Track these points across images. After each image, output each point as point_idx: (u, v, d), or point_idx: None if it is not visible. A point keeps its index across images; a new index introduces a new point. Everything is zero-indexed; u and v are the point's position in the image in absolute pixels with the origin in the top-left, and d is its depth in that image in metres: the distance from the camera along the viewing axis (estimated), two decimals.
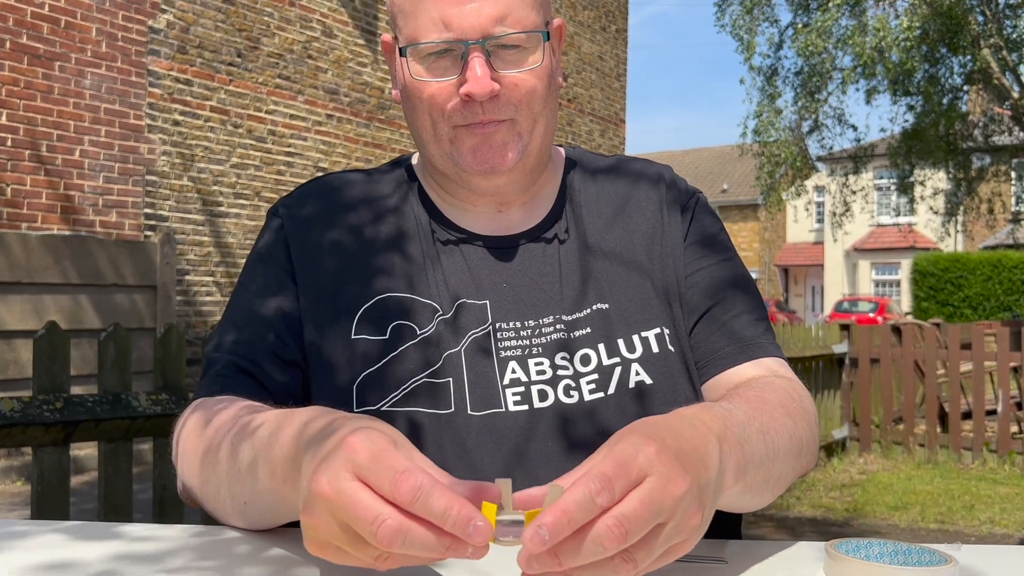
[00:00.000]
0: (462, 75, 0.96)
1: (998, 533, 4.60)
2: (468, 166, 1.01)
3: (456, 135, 1.00)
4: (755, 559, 0.81)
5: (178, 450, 0.95)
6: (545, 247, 1.07)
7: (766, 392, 0.93)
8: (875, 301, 26.30)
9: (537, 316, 1.03)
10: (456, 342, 1.01)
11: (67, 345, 2.24)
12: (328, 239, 1.07)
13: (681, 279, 1.07)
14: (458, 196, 1.08)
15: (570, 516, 0.60)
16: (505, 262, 1.06)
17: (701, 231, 1.11)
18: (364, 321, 1.02)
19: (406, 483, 0.60)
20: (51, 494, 2.21)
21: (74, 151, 6.60)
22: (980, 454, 6.39)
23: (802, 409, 0.96)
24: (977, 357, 6.50)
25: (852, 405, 6.81)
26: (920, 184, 15.53)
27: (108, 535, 0.85)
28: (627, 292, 1.05)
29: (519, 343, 1.01)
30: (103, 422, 2.25)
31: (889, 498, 5.29)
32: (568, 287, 1.05)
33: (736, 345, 1.04)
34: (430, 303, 1.03)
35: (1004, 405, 6.41)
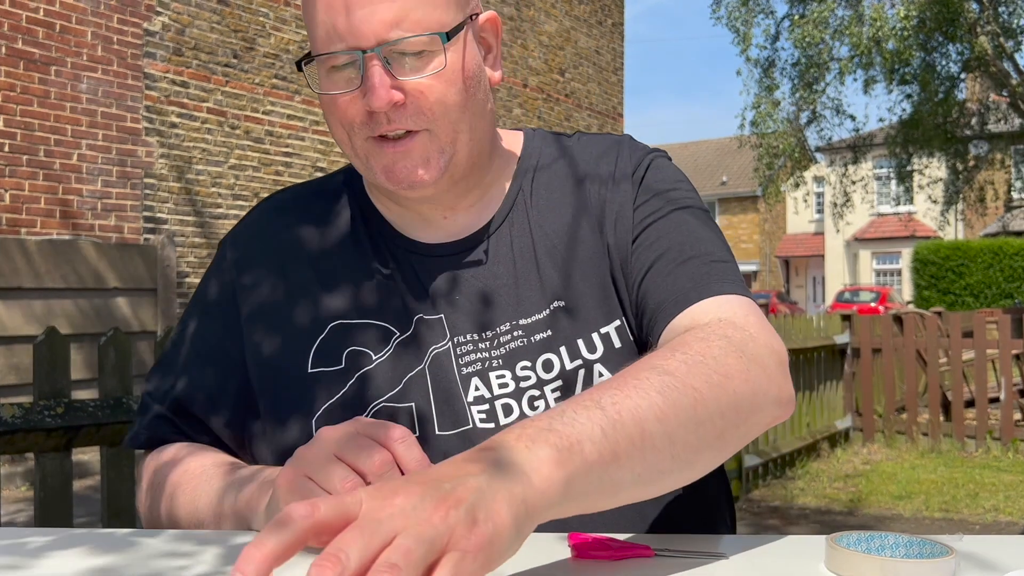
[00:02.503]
0: (363, 86, 0.91)
1: (1003, 521, 4.60)
2: (383, 183, 0.96)
3: (369, 149, 0.95)
4: (755, 554, 0.80)
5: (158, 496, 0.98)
6: (496, 249, 1.01)
7: (642, 362, 0.80)
8: (876, 291, 26.29)
9: (494, 325, 0.98)
10: (417, 361, 0.97)
11: (67, 350, 2.23)
12: (275, 273, 1.04)
13: (628, 246, 0.98)
14: (402, 204, 1.03)
15: None
16: (456, 270, 1.01)
17: (648, 190, 1.01)
18: (319, 354, 0.99)
19: (398, 429, 0.78)
20: (54, 499, 2.21)
21: (72, 155, 6.59)
22: (983, 442, 6.40)
23: (690, 359, 0.80)
24: (979, 345, 6.50)
25: (854, 395, 6.81)
26: (919, 173, 15.52)
27: (124, 544, 0.85)
28: (583, 285, 0.99)
29: (478, 356, 0.97)
30: (104, 426, 2.25)
31: (893, 488, 5.29)
32: (524, 288, 0.99)
33: (671, 298, 0.92)
34: (384, 326, 0.99)
35: (1007, 393, 6.41)
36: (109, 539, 0.85)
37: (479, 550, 0.57)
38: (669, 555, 0.78)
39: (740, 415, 0.81)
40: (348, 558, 0.53)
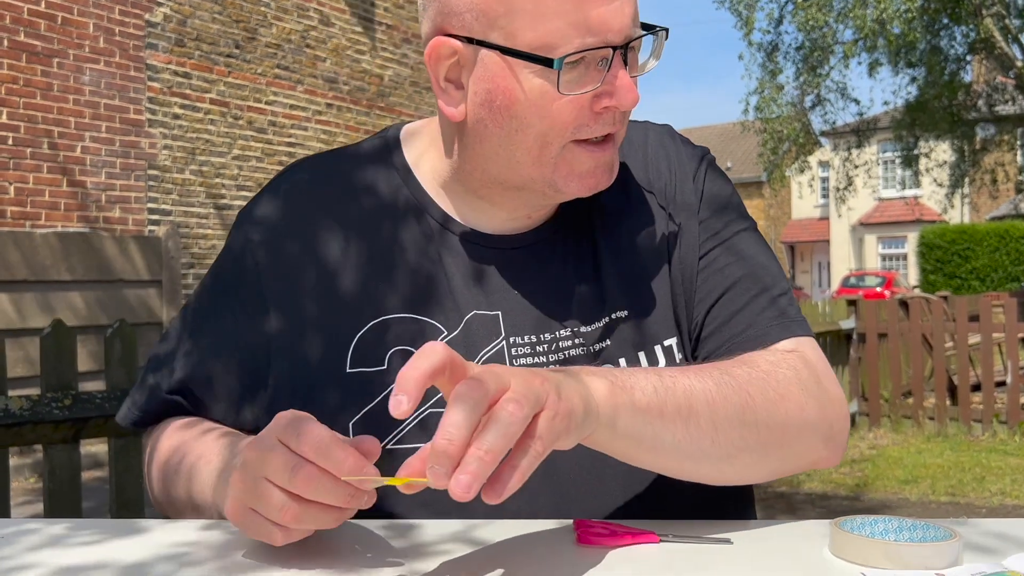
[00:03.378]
0: (602, 85, 0.83)
1: (1009, 504, 4.60)
2: (571, 189, 0.89)
3: (569, 156, 0.87)
4: (760, 538, 0.80)
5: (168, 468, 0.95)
6: (560, 248, 0.96)
7: (704, 365, 0.86)
8: (882, 275, 26.24)
9: (553, 328, 0.93)
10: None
11: (73, 342, 2.24)
12: (307, 255, 0.94)
13: (694, 264, 0.96)
14: (486, 197, 0.94)
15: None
16: (517, 265, 0.94)
17: (710, 204, 0.99)
18: (359, 351, 0.91)
19: (308, 436, 0.69)
20: (63, 491, 2.22)
21: (75, 148, 6.60)
22: (990, 426, 6.39)
23: (754, 375, 0.84)
24: (985, 329, 6.48)
25: (860, 380, 6.80)
26: (925, 156, 15.46)
27: (132, 531, 0.85)
28: (646, 296, 0.95)
29: (535, 360, 0.92)
30: (112, 418, 2.26)
31: (899, 472, 5.30)
32: (585, 293, 0.94)
33: (748, 334, 0.93)
34: (433, 323, 0.92)
35: (1013, 376, 6.40)
36: (118, 527, 0.86)
37: (566, 415, 0.68)
38: (674, 540, 0.79)
39: (785, 437, 0.85)
40: (488, 385, 0.64)
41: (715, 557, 0.76)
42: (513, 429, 0.64)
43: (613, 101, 0.84)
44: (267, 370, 0.94)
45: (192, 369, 0.97)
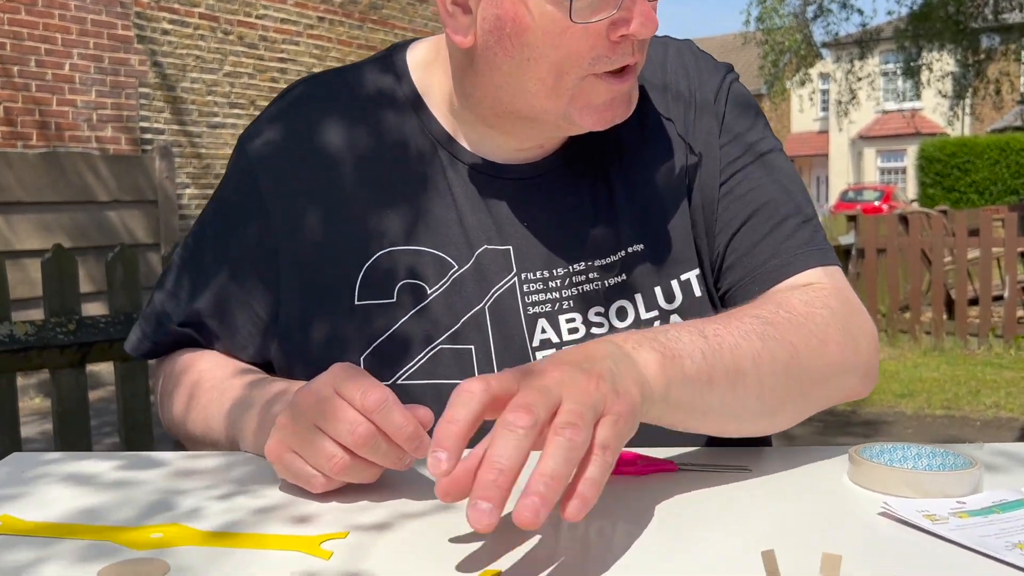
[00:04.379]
0: (620, 11, 0.78)
1: (1003, 417, 4.67)
2: (586, 122, 0.85)
3: (586, 88, 0.82)
4: (779, 466, 0.81)
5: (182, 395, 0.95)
6: (574, 178, 0.92)
7: (745, 308, 0.83)
8: (880, 189, 26.12)
9: (567, 263, 0.91)
10: (477, 299, 0.89)
11: (75, 266, 2.23)
12: (312, 184, 0.91)
13: (715, 191, 0.93)
14: (496, 126, 0.90)
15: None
16: (528, 197, 0.91)
17: (732, 126, 0.94)
18: (367, 283, 0.89)
19: (372, 395, 0.68)
20: (71, 413, 2.24)
21: (63, 65, 6.46)
22: (986, 340, 6.45)
23: (791, 318, 0.82)
24: (984, 243, 6.48)
25: (858, 295, 6.82)
26: (927, 68, 15.22)
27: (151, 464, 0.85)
28: (662, 229, 0.92)
29: (548, 296, 0.90)
30: (117, 342, 2.26)
31: (896, 386, 5.36)
32: (601, 225, 0.91)
33: (774, 262, 0.90)
34: (443, 256, 0.90)
35: (1010, 290, 6.43)
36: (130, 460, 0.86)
37: (629, 414, 0.64)
38: (693, 469, 0.79)
39: (828, 380, 0.85)
40: (537, 411, 0.59)
41: (735, 486, 0.76)
42: (574, 454, 0.59)
43: (631, 29, 0.79)
44: (277, 300, 0.92)
45: (202, 300, 0.95)
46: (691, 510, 0.71)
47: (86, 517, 0.70)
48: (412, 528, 0.67)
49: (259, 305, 0.93)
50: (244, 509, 0.71)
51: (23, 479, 0.81)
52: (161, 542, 0.62)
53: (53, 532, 0.64)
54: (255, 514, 0.70)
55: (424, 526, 0.68)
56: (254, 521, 0.68)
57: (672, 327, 0.78)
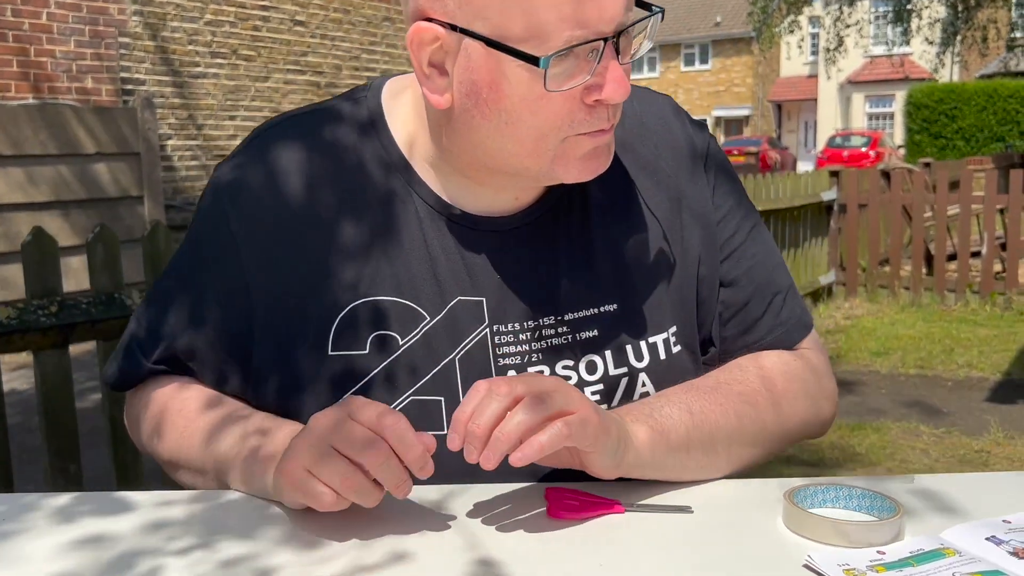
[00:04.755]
0: (593, 77, 0.80)
1: (975, 376, 4.78)
2: (570, 175, 0.86)
3: (568, 146, 0.84)
4: (718, 504, 0.86)
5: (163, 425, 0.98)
6: (550, 232, 0.94)
7: (733, 384, 0.95)
8: (868, 135, 26.06)
9: (539, 316, 0.92)
10: (448, 350, 0.91)
11: (55, 249, 2.25)
12: (286, 231, 0.91)
13: (716, 266, 1.00)
14: (474, 178, 0.91)
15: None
16: (504, 249, 0.92)
17: (725, 197, 1.01)
18: (341, 333, 0.90)
19: (388, 416, 0.76)
20: (55, 394, 2.28)
21: (40, 14, 6.36)
22: (963, 295, 6.54)
23: (769, 396, 0.95)
24: (964, 200, 6.53)
25: (839, 250, 6.90)
26: (916, 15, 15.09)
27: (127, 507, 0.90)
28: (641, 288, 0.95)
29: (518, 348, 0.92)
30: (99, 323, 2.30)
31: (872, 344, 5.46)
32: (575, 280, 0.93)
33: (767, 340, 1.01)
34: (415, 308, 0.91)
35: (988, 246, 6.50)
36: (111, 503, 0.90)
37: (581, 423, 0.78)
38: (637, 510, 0.84)
39: (790, 439, 1.00)
40: (515, 387, 0.77)
41: (675, 528, 0.82)
42: (528, 418, 0.76)
43: (603, 95, 0.81)
44: (251, 347, 0.94)
45: (177, 340, 0.97)
46: (630, 556, 0.76)
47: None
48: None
49: (233, 348, 0.95)
50: (211, 562, 0.76)
51: None
52: None
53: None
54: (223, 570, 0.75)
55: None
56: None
57: (666, 400, 0.90)
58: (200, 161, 7.93)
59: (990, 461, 3.49)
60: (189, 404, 0.97)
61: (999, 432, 3.78)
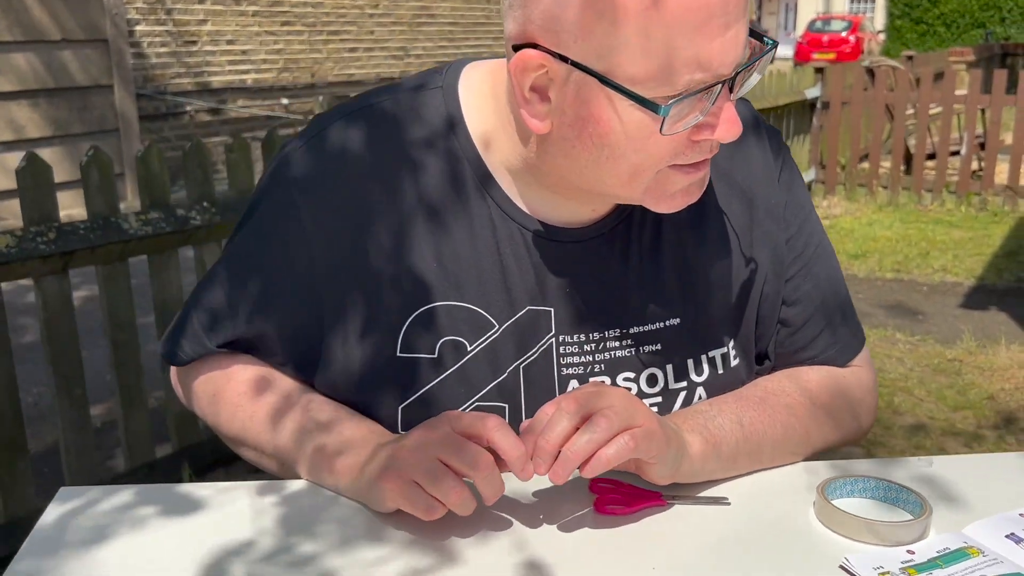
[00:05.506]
0: (705, 116, 0.79)
1: (949, 282, 4.89)
2: (660, 207, 0.86)
3: (662, 179, 0.83)
4: (756, 494, 0.91)
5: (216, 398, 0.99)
6: (621, 246, 0.94)
7: (781, 396, 0.98)
8: (848, 19, 25.63)
9: (603, 328, 0.94)
10: (514, 358, 0.92)
11: (50, 174, 2.21)
12: (359, 228, 0.90)
13: (779, 287, 1.01)
14: (558, 192, 0.90)
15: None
16: (576, 260, 0.92)
17: (796, 213, 1.02)
18: (411, 336, 0.90)
19: (491, 420, 0.80)
20: (57, 319, 2.28)
21: None
22: (940, 195, 6.62)
23: (813, 409, 0.99)
24: (947, 99, 6.53)
25: (820, 148, 6.91)
26: None
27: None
28: (704, 305, 0.97)
29: (582, 359, 0.94)
30: (98, 248, 2.28)
31: (850, 246, 5.54)
32: (642, 295, 0.94)
33: (823, 357, 1.04)
34: (485, 315, 0.91)
35: (968, 146, 6.54)
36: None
37: (647, 436, 0.81)
38: (679, 502, 0.89)
39: (829, 449, 1.03)
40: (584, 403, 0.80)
41: (715, 520, 0.87)
42: (597, 437, 0.78)
43: (715, 135, 0.80)
44: (318, 341, 0.93)
45: (243, 328, 0.96)
46: (675, 552, 0.81)
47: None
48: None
49: (299, 339, 0.94)
50: (286, 564, 0.80)
51: (85, 529, 0.88)
52: None
53: None
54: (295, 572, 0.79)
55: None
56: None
57: (718, 412, 0.93)
58: (170, 48, 7.67)
59: (963, 371, 3.62)
60: (252, 387, 0.97)
61: (971, 341, 3.90)
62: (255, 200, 0.97)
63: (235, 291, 0.96)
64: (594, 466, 0.79)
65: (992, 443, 3.00)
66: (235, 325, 0.97)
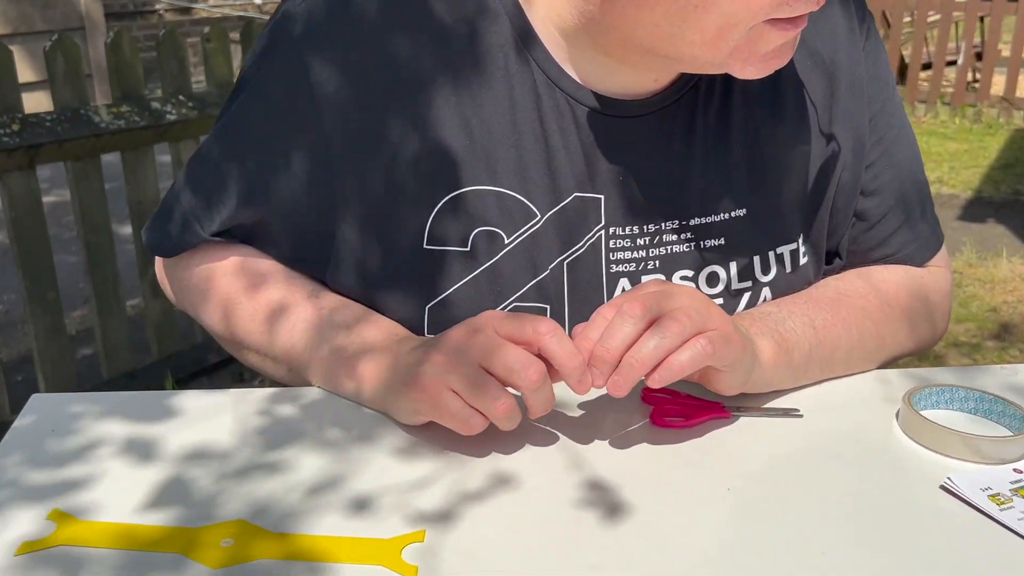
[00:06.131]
0: None
1: (945, 194, 4.79)
2: (746, 72, 0.72)
3: (754, 36, 0.69)
4: (830, 406, 0.80)
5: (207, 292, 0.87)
6: (685, 122, 0.81)
7: (855, 298, 0.87)
8: None
9: (659, 219, 0.81)
10: (557, 253, 0.80)
11: (10, 60, 2.03)
12: (379, 97, 0.77)
13: (859, 173, 0.89)
14: (616, 56, 0.76)
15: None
16: (631, 139, 0.79)
17: (880, 90, 0.89)
18: (439, 225, 0.78)
19: (543, 325, 0.67)
20: (25, 218, 2.13)
21: None
22: (934, 107, 6.48)
23: (889, 313, 0.88)
24: (946, 6, 6.33)
25: None
26: None
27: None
28: (773, 195, 0.85)
29: (633, 255, 0.82)
30: (67, 142, 2.12)
31: None
32: (706, 181, 0.82)
33: (901, 255, 0.94)
34: (524, 202, 0.79)
35: (965, 56, 6.38)
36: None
37: (725, 340, 0.69)
38: (744, 414, 0.78)
39: (902, 356, 0.93)
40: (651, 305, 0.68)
41: (786, 434, 0.76)
42: (666, 343, 0.67)
43: None
44: (331, 226, 0.81)
45: (242, 212, 0.83)
46: (744, 469, 0.70)
47: (137, 498, 0.67)
48: (485, 518, 0.66)
49: (308, 225, 0.82)
50: (304, 490, 0.69)
51: (59, 439, 0.76)
52: (234, 554, 0.59)
53: (113, 541, 0.61)
54: (319, 500, 0.68)
55: (493, 513, 0.66)
56: (319, 511, 0.66)
57: (789, 312, 0.82)
58: None
59: (963, 283, 3.55)
60: (253, 281, 0.84)
61: (972, 253, 3.83)
62: (250, 65, 0.83)
63: (231, 169, 0.83)
64: (663, 375, 0.67)
65: (995, 355, 2.95)
66: (231, 209, 0.83)
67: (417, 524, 0.63)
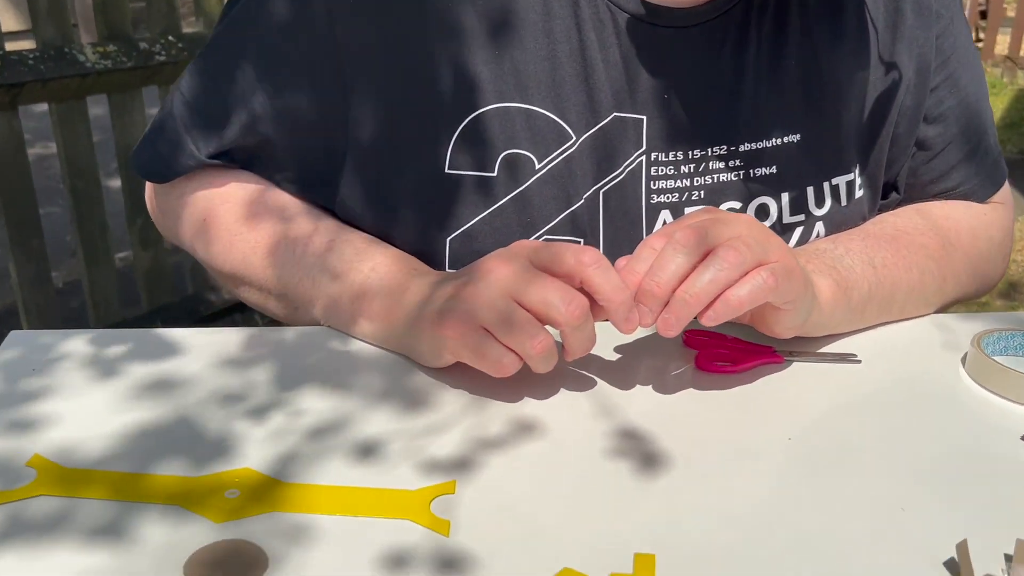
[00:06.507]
0: None
1: None
2: None
3: None
4: (890, 355, 0.73)
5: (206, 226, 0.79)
6: (736, 36, 0.74)
7: (915, 235, 0.80)
8: None
9: (706, 144, 0.74)
10: (593, 180, 0.73)
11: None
12: (398, 4, 0.70)
13: (923, 84, 0.81)
14: None
15: None
16: (677, 53, 0.72)
17: (948, 4, 0.82)
18: (462, 147, 0.71)
19: (586, 255, 0.60)
20: (7, 161, 2.03)
21: None
22: None
23: (951, 252, 0.81)
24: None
25: None
26: None
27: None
28: (829, 120, 0.77)
29: (677, 184, 0.74)
30: (51, 81, 2.01)
31: None
32: (758, 103, 0.75)
33: (961, 190, 0.87)
34: (558, 122, 0.71)
35: (970, 15, 6.28)
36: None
37: (787, 274, 0.62)
38: (798, 359, 0.71)
39: (961, 300, 0.87)
40: (704, 235, 0.59)
41: (845, 382, 0.69)
42: (722, 275, 0.59)
43: None
44: (343, 148, 0.74)
45: (243, 134, 0.76)
46: (801, 419, 0.64)
47: (129, 443, 0.59)
48: (517, 470, 0.59)
49: (316, 146, 0.75)
50: (317, 435, 0.62)
51: (42, 378, 0.69)
52: (240, 507, 0.52)
53: (102, 491, 0.54)
54: (333, 446, 0.60)
55: (525, 465, 0.59)
56: (334, 459, 0.59)
57: (847, 248, 0.75)
58: None
59: None
60: (255, 209, 0.77)
61: None
62: None
63: (232, 85, 0.75)
64: (720, 311, 0.59)
65: None
66: (231, 126, 0.75)
67: (442, 475, 0.56)
